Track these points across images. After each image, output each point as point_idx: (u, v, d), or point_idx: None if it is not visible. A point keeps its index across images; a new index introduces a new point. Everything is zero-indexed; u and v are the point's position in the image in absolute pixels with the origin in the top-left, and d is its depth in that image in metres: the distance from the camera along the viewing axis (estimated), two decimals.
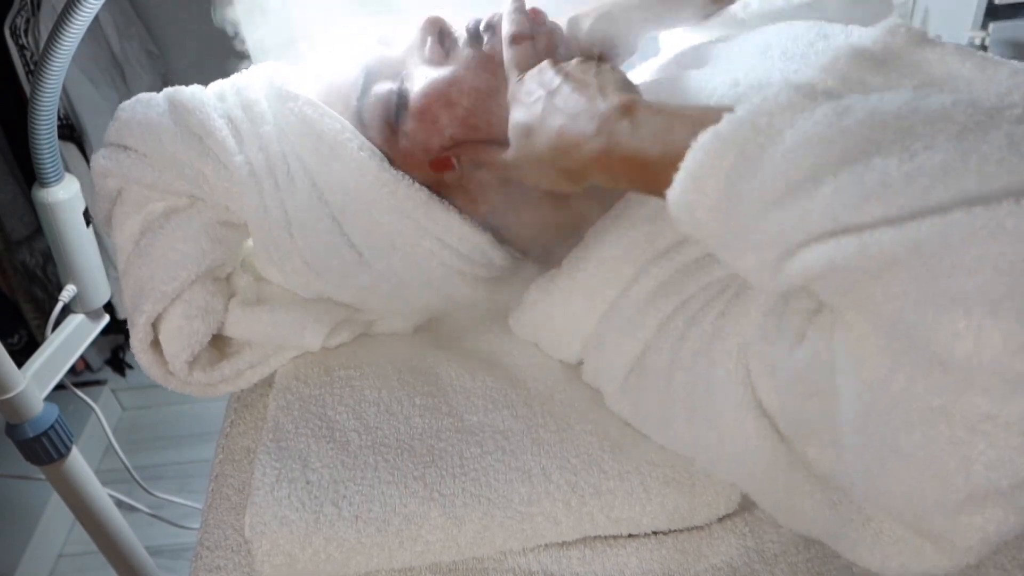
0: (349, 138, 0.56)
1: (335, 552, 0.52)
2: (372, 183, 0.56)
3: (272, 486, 0.53)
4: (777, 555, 0.52)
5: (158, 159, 0.59)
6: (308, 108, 0.57)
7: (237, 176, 0.58)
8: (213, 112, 0.59)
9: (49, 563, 1.35)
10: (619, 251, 0.55)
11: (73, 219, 0.67)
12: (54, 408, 0.72)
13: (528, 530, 0.53)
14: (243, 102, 0.60)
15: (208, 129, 0.58)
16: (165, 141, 0.59)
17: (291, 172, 0.58)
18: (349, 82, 0.58)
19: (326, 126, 0.56)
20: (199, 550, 0.56)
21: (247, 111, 0.59)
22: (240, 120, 0.59)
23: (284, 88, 0.58)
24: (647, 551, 0.53)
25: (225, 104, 0.60)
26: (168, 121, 0.59)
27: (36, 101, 0.58)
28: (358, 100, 0.57)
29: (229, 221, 0.62)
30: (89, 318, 0.75)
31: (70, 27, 0.53)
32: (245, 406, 0.66)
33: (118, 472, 0.98)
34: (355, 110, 0.57)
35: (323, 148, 0.56)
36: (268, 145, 0.58)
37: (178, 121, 0.59)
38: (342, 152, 0.56)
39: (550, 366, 0.63)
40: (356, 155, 0.56)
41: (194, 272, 0.59)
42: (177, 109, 0.59)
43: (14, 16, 1.18)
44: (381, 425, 0.58)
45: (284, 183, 0.58)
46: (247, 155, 0.58)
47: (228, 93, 0.61)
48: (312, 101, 0.57)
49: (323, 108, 0.57)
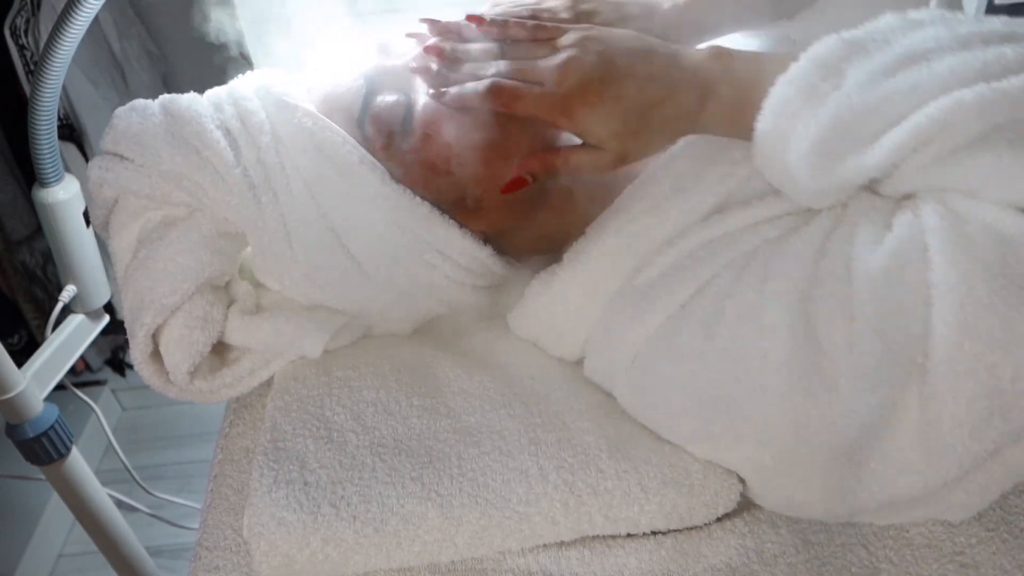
0: (350, 151, 0.55)
1: (333, 552, 0.52)
2: (373, 197, 0.55)
3: (270, 487, 0.53)
4: (776, 556, 0.52)
5: (155, 170, 0.58)
6: (308, 120, 0.56)
7: (235, 188, 0.57)
8: (210, 123, 0.58)
9: (49, 563, 1.35)
10: (620, 243, 0.55)
11: (73, 219, 0.67)
12: (54, 408, 0.72)
13: (526, 530, 0.53)
14: (240, 112, 0.59)
15: (205, 141, 0.57)
16: (162, 153, 0.58)
17: (290, 184, 0.57)
18: (350, 93, 0.57)
19: (326, 138, 0.56)
20: (198, 551, 0.57)
21: (244, 122, 0.58)
22: (238, 131, 0.58)
23: (283, 99, 0.57)
24: (646, 551, 0.53)
25: (222, 115, 0.59)
26: (164, 132, 0.58)
27: (36, 101, 0.58)
28: (360, 112, 0.57)
29: (228, 231, 0.61)
30: (89, 318, 0.75)
31: (70, 27, 0.53)
32: (244, 407, 0.66)
33: (118, 472, 0.98)
34: (356, 122, 0.57)
35: (323, 161, 0.56)
36: (266, 156, 0.57)
37: (175, 132, 0.58)
38: (342, 165, 0.55)
39: (547, 366, 0.63)
40: (357, 168, 0.55)
41: (194, 284, 0.59)
42: (174, 120, 0.59)
43: (14, 16, 1.18)
44: (379, 426, 0.58)
45: (283, 194, 0.57)
46: (245, 167, 0.57)
47: (225, 103, 0.60)
48: (312, 112, 0.56)
49: (323, 120, 0.56)
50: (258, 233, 0.59)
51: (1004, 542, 0.52)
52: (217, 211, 0.59)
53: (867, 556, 0.52)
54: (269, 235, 0.58)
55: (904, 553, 0.52)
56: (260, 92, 0.60)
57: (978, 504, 0.46)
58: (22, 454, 0.72)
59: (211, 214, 0.60)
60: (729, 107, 0.49)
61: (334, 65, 0.61)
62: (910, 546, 0.52)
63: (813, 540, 0.53)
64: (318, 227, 0.57)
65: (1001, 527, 0.52)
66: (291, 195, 0.57)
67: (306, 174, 0.57)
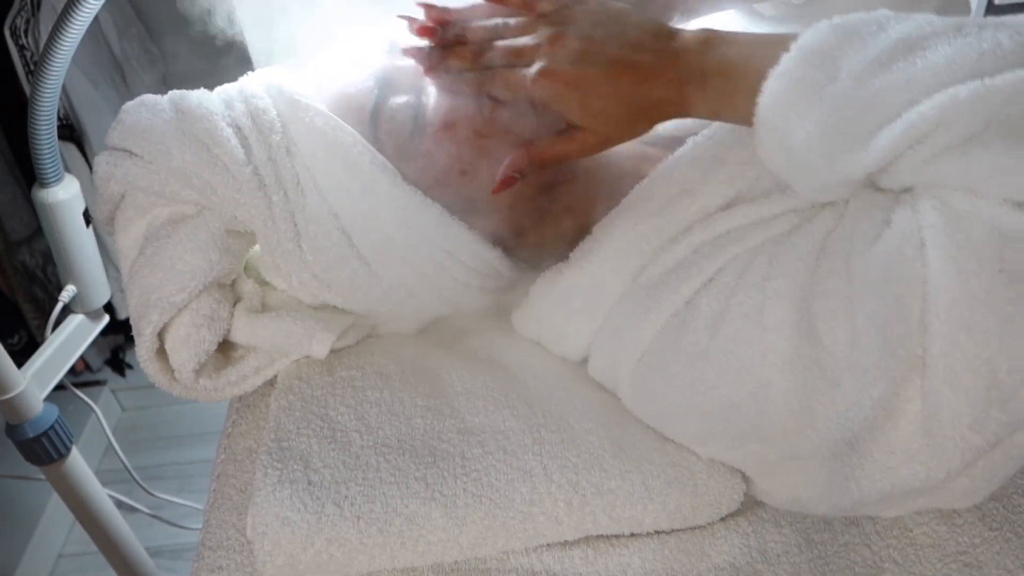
0: (361, 152, 0.55)
1: (337, 552, 0.52)
2: (384, 198, 0.55)
3: (274, 486, 0.53)
4: (779, 555, 0.52)
5: (164, 167, 0.58)
6: (320, 119, 0.56)
7: (246, 187, 0.57)
8: (221, 121, 0.57)
9: (49, 563, 1.35)
10: (627, 244, 0.55)
11: (73, 219, 0.67)
12: (54, 408, 0.71)
13: (530, 530, 0.53)
14: (251, 111, 0.58)
15: (216, 139, 0.56)
16: (172, 150, 0.57)
17: (300, 182, 0.57)
18: (362, 93, 0.57)
19: (338, 139, 0.55)
20: (201, 550, 0.56)
21: (256, 120, 0.58)
22: (248, 129, 0.58)
23: (295, 97, 0.57)
24: (650, 551, 0.53)
25: (233, 112, 0.58)
26: (174, 128, 0.58)
27: (36, 101, 0.58)
28: (372, 113, 0.56)
29: (236, 230, 0.61)
30: (89, 318, 0.75)
31: (70, 27, 0.53)
32: (247, 406, 0.66)
33: (118, 472, 0.98)
34: (368, 123, 0.56)
35: (334, 160, 0.56)
36: (277, 156, 0.57)
37: (185, 129, 0.57)
38: (354, 166, 0.55)
39: (551, 366, 0.63)
40: (367, 169, 0.55)
41: (202, 283, 0.58)
42: (184, 116, 0.58)
43: (14, 16, 1.18)
44: (383, 426, 0.58)
45: (294, 194, 0.57)
46: (255, 165, 0.57)
47: (235, 100, 0.59)
48: (324, 112, 0.56)
49: (335, 120, 0.56)
50: (268, 232, 0.58)
51: (1008, 542, 0.52)
52: (226, 209, 0.58)
53: (870, 555, 0.52)
54: (279, 234, 0.58)
55: (907, 552, 0.52)
56: (271, 90, 0.59)
57: (983, 491, 0.45)
58: (22, 454, 0.72)
59: (220, 212, 0.59)
60: (719, 93, 0.48)
61: (345, 64, 0.60)
62: (913, 545, 0.52)
63: (816, 539, 0.53)
64: (328, 226, 0.57)
65: (1005, 527, 0.52)
66: (301, 194, 0.57)
67: (317, 174, 0.57)
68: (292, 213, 0.57)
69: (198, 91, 0.61)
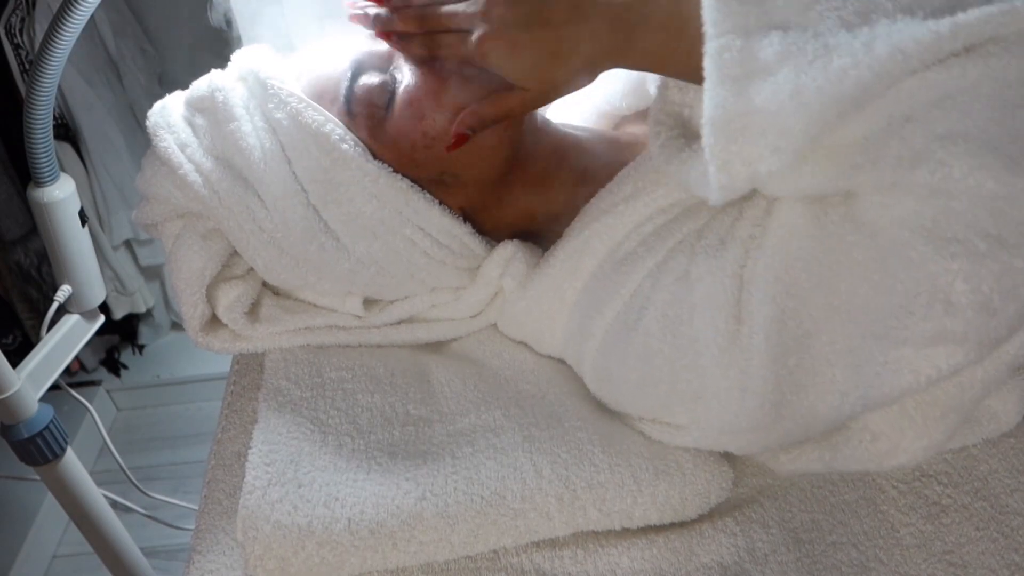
0: (333, 128, 0.57)
1: (328, 555, 0.52)
2: (354, 172, 0.57)
3: (264, 490, 0.53)
4: (767, 555, 0.52)
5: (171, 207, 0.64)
6: (292, 99, 0.58)
7: (192, 189, 0.61)
8: (164, 132, 0.62)
9: (43, 564, 1.35)
10: (581, 244, 0.58)
11: (68, 219, 0.67)
12: (49, 409, 0.72)
13: (521, 527, 0.53)
14: (212, 104, 0.61)
15: (163, 152, 0.61)
16: (147, 175, 0.63)
17: (267, 162, 0.59)
18: (337, 73, 0.59)
19: (308, 117, 0.57)
20: (192, 555, 0.57)
21: (211, 115, 0.61)
22: (200, 127, 0.62)
23: (268, 80, 0.59)
24: (638, 550, 0.53)
25: (189, 110, 0.63)
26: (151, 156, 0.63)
27: (31, 101, 0.58)
28: (346, 90, 0.58)
29: None
30: (84, 318, 0.75)
31: (66, 26, 0.54)
32: (235, 411, 0.66)
33: (113, 473, 0.98)
34: (342, 100, 0.58)
35: (305, 137, 0.57)
36: (238, 140, 0.59)
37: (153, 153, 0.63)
38: (324, 142, 0.57)
39: (539, 365, 0.64)
40: (337, 145, 0.57)
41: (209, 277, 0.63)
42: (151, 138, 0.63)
43: (9, 15, 1.18)
44: (373, 428, 0.58)
45: (258, 174, 0.59)
46: (196, 163, 0.61)
47: (198, 94, 0.63)
48: (294, 93, 0.58)
49: (306, 100, 0.58)
50: (224, 220, 0.61)
51: (994, 541, 0.52)
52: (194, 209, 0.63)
53: (857, 555, 0.52)
54: (234, 218, 0.61)
55: (894, 552, 0.52)
56: (246, 74, 0.62)
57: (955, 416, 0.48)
58: (17, 455, 0.72)
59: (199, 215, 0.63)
60: (657, 47, 0.48)
61: (324, 47, 0.62)
62: (900, 545, 0.52)
63: (804, 539, 0.53)
64: (294, 201, 0.58)
65: (991, 526, 0.53)
66: (266, 172, 0.59)
67: (287, 150, 0.59)
68: (243, 197, 0.60)
69: (163, 100, 0.65)
